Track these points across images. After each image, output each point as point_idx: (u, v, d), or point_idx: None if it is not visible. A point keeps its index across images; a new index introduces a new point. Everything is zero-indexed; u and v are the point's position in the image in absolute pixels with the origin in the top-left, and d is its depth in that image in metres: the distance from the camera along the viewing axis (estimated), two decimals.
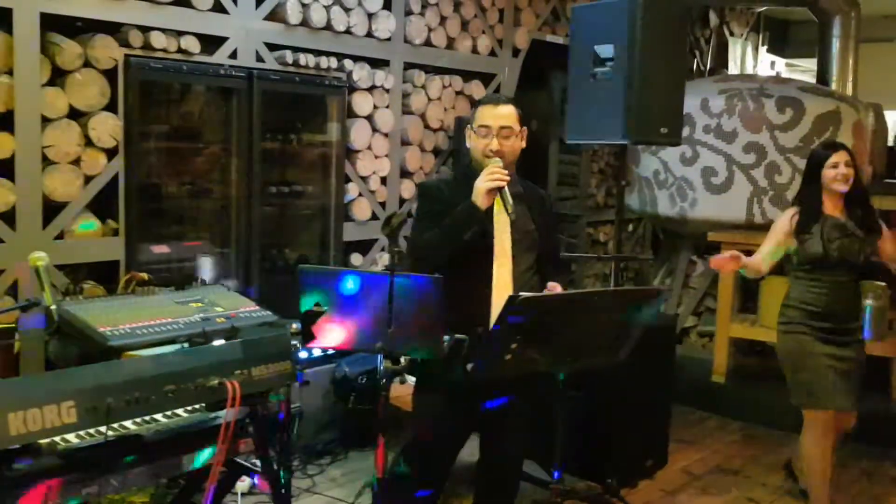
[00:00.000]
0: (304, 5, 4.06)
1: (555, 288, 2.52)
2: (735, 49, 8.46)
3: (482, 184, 2.40)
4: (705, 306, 5.94)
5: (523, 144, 2.62)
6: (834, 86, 6.25)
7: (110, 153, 3.43)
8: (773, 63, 9.48)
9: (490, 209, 2.43)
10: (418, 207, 2.65)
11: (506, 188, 2.41)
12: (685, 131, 4.84)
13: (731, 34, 8.37)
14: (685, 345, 5.81)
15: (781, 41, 9.52)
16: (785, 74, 9.40)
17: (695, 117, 5.37)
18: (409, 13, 4.68)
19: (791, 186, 5.20)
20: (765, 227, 5.21)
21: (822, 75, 6.39)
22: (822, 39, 6.39)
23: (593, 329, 2.32)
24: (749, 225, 5.29)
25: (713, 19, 7.99)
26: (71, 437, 1.94)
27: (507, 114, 2.55)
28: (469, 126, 2.61)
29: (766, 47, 9.20)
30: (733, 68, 8.40)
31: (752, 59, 8.93)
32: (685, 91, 3.97)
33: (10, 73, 3.10)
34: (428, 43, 4.82)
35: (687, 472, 4.12)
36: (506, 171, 2.44)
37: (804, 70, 9.79)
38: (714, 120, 5.35)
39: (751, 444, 4.56)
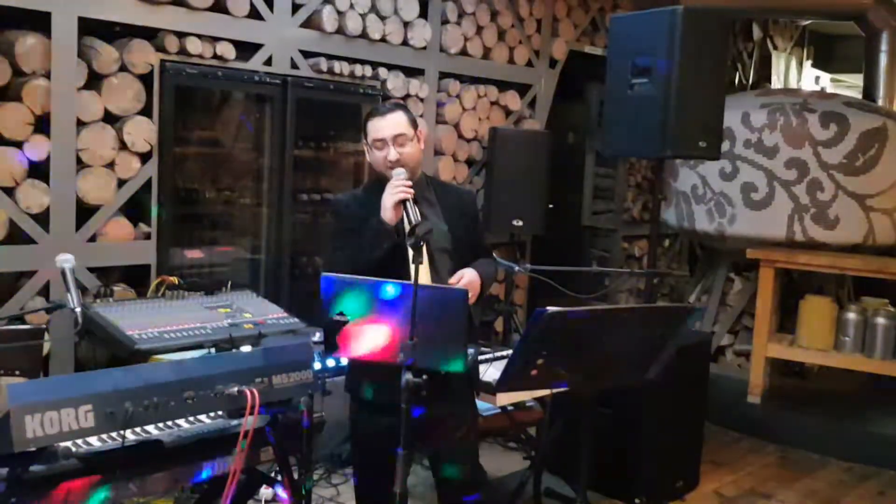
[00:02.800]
0: (339, 13, 4.07)
1: (460, 278, 2.41)
2: (778, 63, 8.30)
3: (387, 198, 2.35)
4: (742, 325, 5.80)
5: (422, 146, 2.53)
6: (880, 102, 6.08)
7: (144, 157, 3.46)
8: (817, 78, 9.28)
9: (402, 220, 2.37)
10: (331, 224, 2.58)
11: (409, 199, 2.34)
12: (725, 146, 4.74)
13: (775, 48, 8.21)
14: (720, 363, 5.68)
15: (826, 56, 9.32)
16: (830, 90, 9.19)
17: (735, 131, 5.26)
18: (445, 22, 4.66)
19: (833, 204, 5.07)
20: (806, 245, 5.13)
21: (869, 91, 6.22)
22: (869, 54, 6.22)
23: (622, 346, 2.25)
24: (790, 242, 5.16)
25: (756, 32, 7.85)
26: (92, 440, 1.94)
27: (396, 121, 2.45)
28: (364, 142, 2.52)
29: (810, 62, 9.02)
30: (776, 82, 8.24)
31: (795, 74, 8.75)
32: (726, 104, 3.88)
33: (47, 76, 3.14)
34: (464, 52, 4.79)
35: (719, 494, 4.01)
36: (409, 182, 2.37)
37: (849, 85, 9.57)
38: (755, 134, 5.23)
39: (786, 467, 4.43)
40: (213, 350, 2.81)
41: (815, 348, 4.90)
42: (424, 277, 2.40)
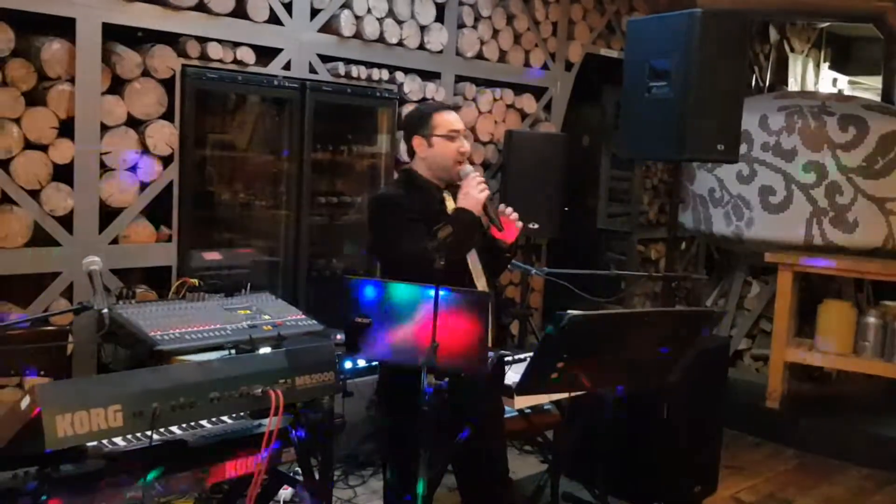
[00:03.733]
0: (357, 18, 4.10)
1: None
2: (795, 65, 8.26)
3: (479, 194, 2.44)
4: (760, 329, 5.77)
5: None
6: None
7: (166, 161, 3.50)
8: (835, 80, 9.22)
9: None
10: (385, 218, 2.53)
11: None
12: (742, 148, 4.72)
13: (792, 50, 8.17)
14: (738, 368, 5.66)
15: (844, 58, 9.26)
16: (848, 92, 9.13)
17: (753, 134, 5.24)
18: (461, 26, 4.68)
19: (853, 207, 5.04)
20: (824, 249, 5.10)
21: (888, 93, 6.18)
22: (888, 56, 6.18)
23: (642, 350, 2.26)
24: (808, 246, 5.13)
25: (773, 35, 7.81)
26: (117, 440, 1.97)
27: (461, 118, 2.64)
28: (421, 136, 2.55)
29: (828, 64, 8.96)
30: (793, 85, 8.20)
31: (813, 76, 8.70)
32: (743, 107, 3.87)
33: (72, 80, 3.19)
34: (480, 56, 4.81)
35: (737, 499, 3.99)
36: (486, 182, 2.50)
37: (868, 88, 9.49)
38: (773, 137, 5.21)
39: (805, 472, 4.40)
40: (233, 351, 2.84)
41: (834, 353, 4.86)
42: (483, 280, 2.54)
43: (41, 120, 3.13)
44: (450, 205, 2.56)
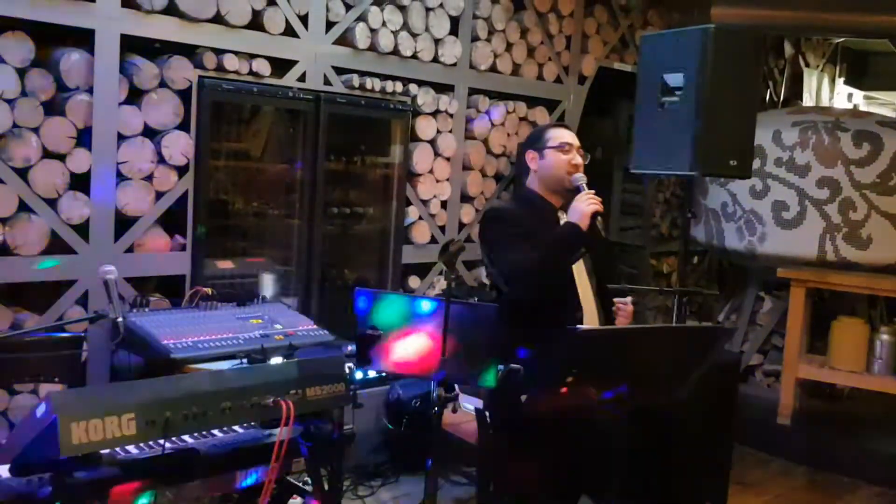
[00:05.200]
0: (372, 31, 4.13)
1: (626, 306, 2.56)
2: (810, 80, 8.24)
3: (587, 207, 2.47)
4: (772, 344, 5.74)
5: None
6: None
7: (181, 171, 3.53)
8: (850, 95, 9.18)
9: None
10: (498, 230, 2.58)
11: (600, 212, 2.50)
12: (756, 164, 4.71)
13: (807, 65, 8.15)
14: (750, 384, 5.62)
15: (860, 73, 9.22)
16: (863, 107, 9.09)
17: (766, 149, 5.23)
18: (475, 39, 4.70)
19: (866, 224, 5.01)
20: (837, 266, 5.07)
21: None
22: None
23: (652, 366, 2.26)
24: (821, 262, 5.10)
25: (788, 49, 7.79)
26: (130, 447, 1.99)
27: (575, 134, 2.71)
28: (534, 149, 2.67)
29: (843, 79, 8.93)
30: (808, 100, 8.18)
31: (827, 91, 8.67)
32: (757, 122, 3.87)
33: (90, 91, 3.23)
34: (493, 69, 4.83)
35: None
36: (600, 198, 2.52)
37: (883, 103, 9.45)
38: (786, 153, 5.20)
39: (816, 490, 4.37)
40: (245, 360, 2.86)
41: (846, 370, 4.84)
42: (590, 301, 2.56)
43: (59, 129, 3.17)
44: None
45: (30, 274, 3.18)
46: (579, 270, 2.56)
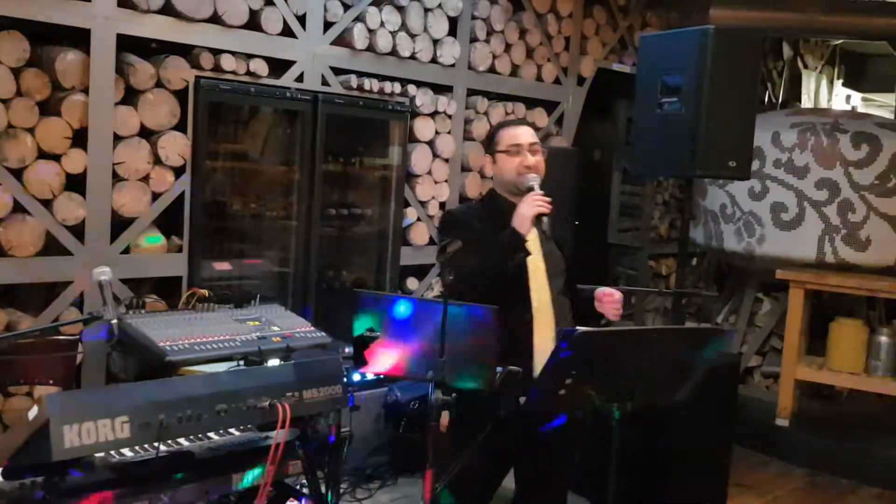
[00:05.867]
0: (370, 31, 4.12)
1: (613, 293, 2.52)
2: (809, 82, 8.24)
3: (528, 210, 2.38)
4: (770, 346, 5.73)
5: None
6: None
7: (178, 171, 3.51)
8: (848, 97, 9.19)
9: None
10: (447, 235, 2.52)
11: (546, 215, 2.40)
12: (755, 165, 4.71)
13: (805, 66, 8.15)
14: (748, 385, 5.61)
15: (858, 75, 9.23)
16: (861, 109, 9.10)
17: (765, 151, 5.22)
18: (474, 40, 4.69)
19: (865, 225, 5.00)
20: (836, 267, 5.06)
21: None
22: None
23: (651, 367, 2.24)
24: (819, 264, 5.10)
25: (787, 51, 7.79)
26: (125, 450, 1.97)
27: (531, 132, 2.59)
28: (488, 153, 2.60)
29: (841, 81, 8.93)
30: (806, 101, 8.18)
31: (826, 93, 8.68)
32: (756, 124, 3.86)
33: (85, 91, 3.21)
34: (492, 70, 4.82)
35: None
36: (549, 199, 2.42)
37: (881, 105, 9.45)
38: (785, 154, 5.20)
39: (815, 492, 4.36)
40: (241, 363, 2.84)
41: (845, 371, 4.83)
42: (545, 303, 2.50)
43: (55, 130, 3.16)
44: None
45: (25, 275, 3.16)
46: (537, 272, 2.50)
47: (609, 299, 2.54)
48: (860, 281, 4.86)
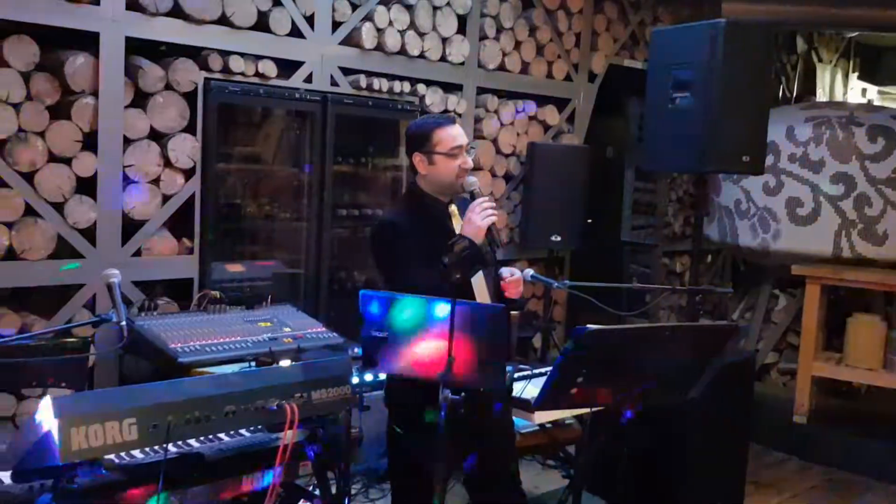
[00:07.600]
0: (379, 30, 4.11)
1: (513, 272, 2.52)
2: (823, 75, 8.15)
3: (482, 221, 2.34)
4: (787, 342, 5.67)
5: None
6: None
7: (188, 173, 3.52)
8: (864, 90, 9.08)
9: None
10: (392, 246, 2.46)
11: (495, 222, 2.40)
12: (769, 160, 4.65)
13: (820, 60, 8.06)
14: (765, 382, 5.56)
15: (873, 68, 9.11)
16: (877, 102, 8.99)
17: (780, 145, 5.16)
18: (483, 38, 4.67)
19: (882, 219, 4.94)
20: (853, 262, 5.00)
21: None
22: None
23: (663, 365, 2.21)
24: (836, 259, 5.03)
25: (801, 45, 7.71)
26: (135, 452, 1.97)
27: (464, 133, 2.54)
28: (422, 153, 2.47)
29: (856, 74, 8.83)
30: (821, 95, 8.09)
31: (841, 86, 8.58)
32: (769, 118, 3.82)
33: (95, 94, 3.22)
34: (502, 67, 4.80)
35: None
36: (494, 204, 2.41)
37: None
38: (800, 149, 5.14)
39: (833, 489, 4.30)
40: (253, 363, 2.84)
41: (863, 367, 4.76)
42: (485, 294, 2.48)
43: (65, 133, 3.17)
44: (455, 221, 2.53)
45: (37, 278, 3.18)
46: (478, 277, 2.49)
47: (508, 280, 2.50)
48: (878, 276, 4.79)
